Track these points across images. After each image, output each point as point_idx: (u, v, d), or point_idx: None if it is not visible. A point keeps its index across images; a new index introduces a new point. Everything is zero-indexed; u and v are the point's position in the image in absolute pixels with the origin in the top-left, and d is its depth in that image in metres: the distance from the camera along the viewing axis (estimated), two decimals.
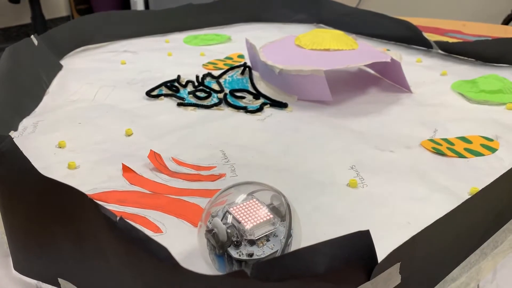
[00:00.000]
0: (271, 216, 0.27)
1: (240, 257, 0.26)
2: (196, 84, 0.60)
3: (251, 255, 0.26)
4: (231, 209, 0.27)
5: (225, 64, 0.68)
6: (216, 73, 0.64)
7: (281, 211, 0.28)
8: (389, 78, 0.61)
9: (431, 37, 0.74)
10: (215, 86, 0.59)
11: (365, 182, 0.39)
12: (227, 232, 0.26)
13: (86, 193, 0.34)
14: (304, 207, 0.35)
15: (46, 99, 0.57)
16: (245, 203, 0.28)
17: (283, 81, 0.55)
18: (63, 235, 0.27)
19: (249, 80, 0.61)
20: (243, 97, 0.56)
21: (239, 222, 0.27)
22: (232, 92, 0.57)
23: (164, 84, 0.60)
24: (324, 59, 0.55)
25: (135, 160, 0.42)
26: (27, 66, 0.58)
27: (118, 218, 0.22)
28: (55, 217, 0.27)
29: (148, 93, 0.57)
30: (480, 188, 0.36)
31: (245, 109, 0.53)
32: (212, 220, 0.27)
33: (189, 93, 0.57)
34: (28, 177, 0.27)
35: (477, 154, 0.43)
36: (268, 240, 0.27)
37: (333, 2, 0.87)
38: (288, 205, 0.28)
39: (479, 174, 0.40)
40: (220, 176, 0.40)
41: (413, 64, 0.68)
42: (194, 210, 0.35)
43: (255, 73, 0.63)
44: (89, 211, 0.24)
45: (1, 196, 0.30)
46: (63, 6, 2.38)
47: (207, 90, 0.58)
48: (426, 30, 0.79)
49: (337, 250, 0.22)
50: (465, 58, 0.69)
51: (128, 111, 0.53)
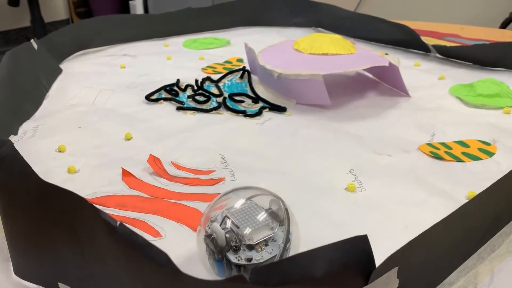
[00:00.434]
0: (270, 221, 0.27)
1: (239, 262, 0.26)
2: (196, 88, 0.60)
3: (249, 259, 0.26)
4: (230, 213, 0.28)
5: (224, 68, 0.68)
6: (215, 77, 0.64)
7: (280, 216, 0.28)
8: (387, 82, 0.61)
9: (428, 41, 0.75)
10: (214, 90, 0.60)
11: (363, 186, 0.39)
12: (225, 237, 0.26)
13: (86, 197, 0.34)
14: (303, 211, 0.36)
15: (45, 103, 0.57)
16: (243, 208, 0.28)
17: (282, 85, 0.56)
18: (63, 239, 0.27)
19: (248, 84, 0.61)
20: (242, 101, 0.56)
21: (238, 227, 0.27)
22: (231, 96, 0.57)
23: (164, 88, 0.60)
24: (322, 63, 0.55)
25: (135, 164, 0.42)
26: (27, 70, 0.58)
27: (118, 223, 0.22)
28: (55, 222, 0.27)
29: (148, 97, 0.58)
30: (477, 192, 0.36)
31: (244, 113, 0.53)
32: (211, 225, 0.27)
33: (189, 97, 0.58)
34: (28, 181, 0.27)
35: (475, 158, 0.43)
36: (266, 245, 0.27)
37: (331, 6, 0.87)
38: (287, 210, 0.28)
39: (477, 178, 0.40)
40: (219, 180, 0.40)
41: (411, 68, 0.68)
42: (194, 214, 0.35)
43: (254, 77, 0.63)
44: (89, 216, 0.24)
45: (1, 201, 0.30)
46: (63, 9, 2.38)
47: (206, 94, 0.58)
48: (424, 34, 0.79)
49: (335, 254, 0.22)
50: (463, 62, 0.70)
51: (127, 115, 0.53)
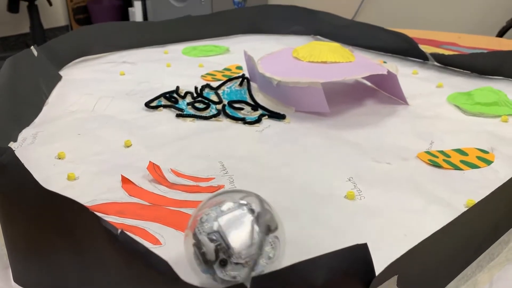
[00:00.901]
0: (260, 237, 0.26)
1: (224, 278, 0.26)
2: (195, 95, 0.61)
3: (235, 277, 0.26)
4: (220, 224, 0.26)
5: (223, 75, 0.69)
6: (214, 84, 0.64)
7: (269, 225, 0.27)
8: (385, 90, 0.62)
9: (426, 49, 0.75)
10: (213, 97, 0.60)
11: (363, 194, 0.39)
12: (215, 252, 0.26)
13: (86, 204, 0.34)
14: (302, 219, 0.36)
15: (45, 109, 0.57)
16: (234, 217, 0.27)
17: (281, 93, 0.56)
18: (63, 247, 0.27)
19: (247, 92, 0.61)
20: (242, 108, 0.57)
21: (228, 242, 0.26)
22: (230, 103, 0.58)
23: (163, 95, 0.60)
24: (321, 71, 0.56)
25: (134, 172, 0.42)
26: (27, 77, 0.58)
27: (119, 231, 0.22)
28: (55, 229, 0.27)
29: (147, 104, 0.58)
30: (476, 200, 0.36)
31: (243, 120, 0.53)
32: (200, 230, 0.27)
33: (188, 104, 0.58)
34: (29, 189, 0.27)
35: (473, 166, 0.43)
36: (254, 253, 0.26)
37: (330, 14, 0.88)
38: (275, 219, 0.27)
39: (475, 186, 0.40)
40: (218, 188, 0.40)
41: (409, 76, 0.69)
42: None
43: (253, 85, 0.63)
44: (90, 224, 0.24)
45: (1, 208, 0.30)
46: (62, 16, 2.39)
47: (206, 101, 0.58)
48: (422, 42, 0.80)
49: (335, 263, 0.22)
50: (461, 70, 0.70)
51: (127, 122, 0.54)
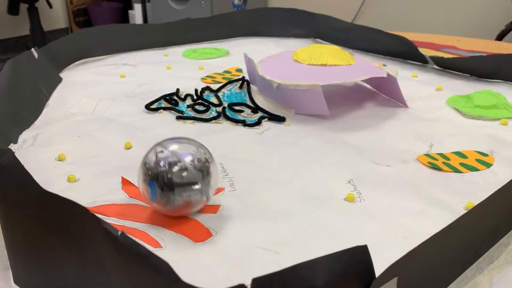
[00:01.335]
0: (195, 164, 0.33)
1: (162, 183, 0.32)
2: (195, 97, 0.61)
3: (173, 179, 0.32)
4: (164, 151, 0.33)
5: (223, 78, 0.69)
6: (214, 86, 0.64)
7: (202, 160, 0.33)
8: (385, 93, 0.62)
9: (426, 52, 0.76)
10: (213, 100, 0.60)
11: (362, 196, 0.39)
12: (157, 166, 0.32)
13: (86, 206, 0.34)
14: (302, 221, 0.36)
15: (45, 111, 0.57)
16: (175, 150, 0.33)
17: (281, 95, 0.56)
18: (64, 249, 0.27)
19: (247, 94, 0.62)
20: (242, 111, 0.57)
21: (168, 161, 0.32)
22: (230, 105, 0.58)
23: (163, 97, 0.60)
24: (321, 74, 0.56)
25: (135, 174, 0.42)
26: (27, 79, 0.58)
27: (119, 233, 0.22)
28: (56, 231, 0.27)
29: (147, 106, 0.58)
30: (475, 203, 0.36)
31: (243, 123, 0.53)
32: (147, 157, 0.33)
33: (188, 106, 0.58)
34: (29, 191, 0.28)
35: (473, 169, 0.43)
36: (188, 174, 0.32)
37: (329, 17, 0.88)
38: (208, 156, 0.34)
39: (475, 188, 0.40)
40: (218, 191, 0.40)
41: (408, 79, 0.69)
42: (193, 225, 0.35)
43: (253, 87, 0.64)
44: (90, 226, 0.24)
45: (2, 210, 0.30)
46: (62, 18, 2.39)
47: (206, 103, 0.58)
48: (421, 45, 0.80)
49: (335, 264, 0.22)
50: (460, 73, 0.70)
51: (127, 124, 0.54)
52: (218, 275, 0.30)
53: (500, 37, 1.48)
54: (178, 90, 0.62)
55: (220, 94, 0.62)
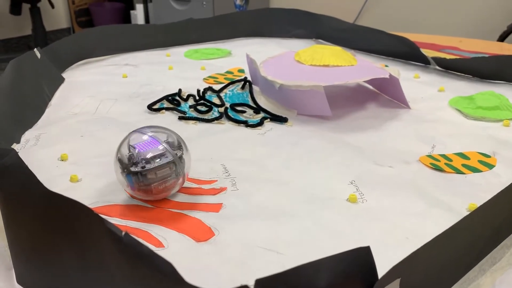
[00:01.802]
0: (164, 146, 0.36)
1: (137, 170, 0.35)
2: (197, 98, 0.61)
3: (144, 167, 0.35)
4: (133, 144, 0.36)
5: (225, 78, 0.69)
6: (216, 87, 0.64)
7: (174, 143, 0.37)
8: (387, 93, 0.62)
9: (428, 53, 0.76)
10: (216, 100, 0.60)
11: (365, 197, 0.39)
12: (128, 156, 0.36)
13: (89, 206, 0.34)
14: (304, 222, 0.36)
15: (48, 111, 0.57)
16: (145, 139, 0.36)
17: (283, 96, 0.56)
18: (67, 249, 0.27)
19: (249, 95, 0.62)
20: (244, 111, 0.57)
21: (137, 151, 0.36)
22: (232, 106, 0.58)
23: (166, 97, 0.60)
24: (323, 74, 0.56)
25: None
26: (30, 79, 0.58)
27: (123, 233, 0.22)
28: (59, 231, 0.27)
29: (150, 107, 0.58)
30: (478, 204, 0.36)
31: (245, 123, 0.53)
32: (119, 152, 0.37)
33: (190, 107, 0.58)
34: (32, 190, 0.28)
35: (475, 170, 0.43)
36: (159, 159, 0.35)
37: (331, 18, 0.88)
38: (179, 140, 0.38)
39: (477, 190, 0.40)
40: (221, 190, 0.40)
41: (410, 80, 0.69)
42: (196, 224, 0.35)
43: (255, 88, 0.64)
44: (93, 226, 0.24)
45: (5, 209, 0.30)
46: (64, 18, 2.40)
47: (208, 104, 0.58)
48: (423, 46, 0.80)
49: (338, 265, 0.22)
50: (462, 74, 0.70)
51: (129, 124, 0.54)
52: (220, 275, 0.30)
53: (502, 38, 1.48)
54: (180, 90, 0.63)
55: (222, 94, 0.62)
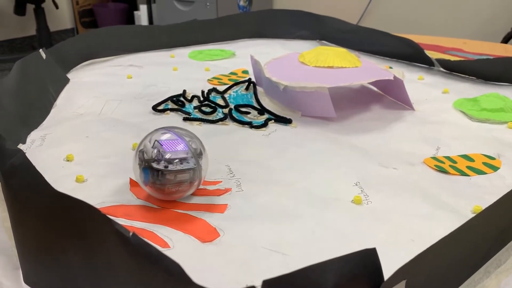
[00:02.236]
0: (187, 150, 0.36)
1: (158, 167, 0.35)
2: (202, 99, 0.61)
3: (166, 167, 0.35)
4: (159, 140, 0.36)
5: (229, 80, 0.69)
6: (221, 88, 0.65)
7: (197, 151, 0.37)
8: (391, 95, 0.62)
9: (432, 55, 0.76)
10: (220, 101, 0.60)
11: (370, 198, 0.39)
12: (152, 151, 0.35)
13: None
14: (308, 223, 0.36)
15: (53, 112, 0.58)
16: (168, 137, 0.36)
17: (288, 97, 0.56)
18: (74, 249, 0.27)
19: (253, 96, 0.62)
20: (248, 113, 0.57)
21: (163, 149, 0.35)
22: (237, 107, 0.58)
23: (170, 98, 0.60)
24: (328, 76, 0.56)
25: None
26: (36, 80, 0.58)
27: (131, 234, 0.22)
28: (66, 231, 0.27)
29: (154, 108, 0.58)
30: (482, 206, 0.37)
31: (250, 125, 0.54)
32: (144, 146, 0.36)
33: (195, 107, 0.58)
34: (39, 191, 0.28)
35: (480, 172, 0.43)
36: (182, 164, 0.35)
37: (334, 19, 0.88)
38: (200, 148, 0.37)
39: (482, 192, 0.40)
40: (226, 191, 0.40)
41: (415, 81, 0.69)
42: (201, 225, 0.35)
43: (259, 89, 0.64)
44: (101, 226, 0.24)
45: (12, 210, 0.30)
46: (68, 19, 2.40)
47: (213, 105, 0.59)
48: (427, 47, 0.80)
49: (345, 267, 0.22)
50: (467, 76, 0.70)
51: (134, 125, 0.54)
52: (225, 276, 0.30)
53: (506, 39, 1.48)
54: (184, 91, 0.63)
55: (226, 95, 0.62)
